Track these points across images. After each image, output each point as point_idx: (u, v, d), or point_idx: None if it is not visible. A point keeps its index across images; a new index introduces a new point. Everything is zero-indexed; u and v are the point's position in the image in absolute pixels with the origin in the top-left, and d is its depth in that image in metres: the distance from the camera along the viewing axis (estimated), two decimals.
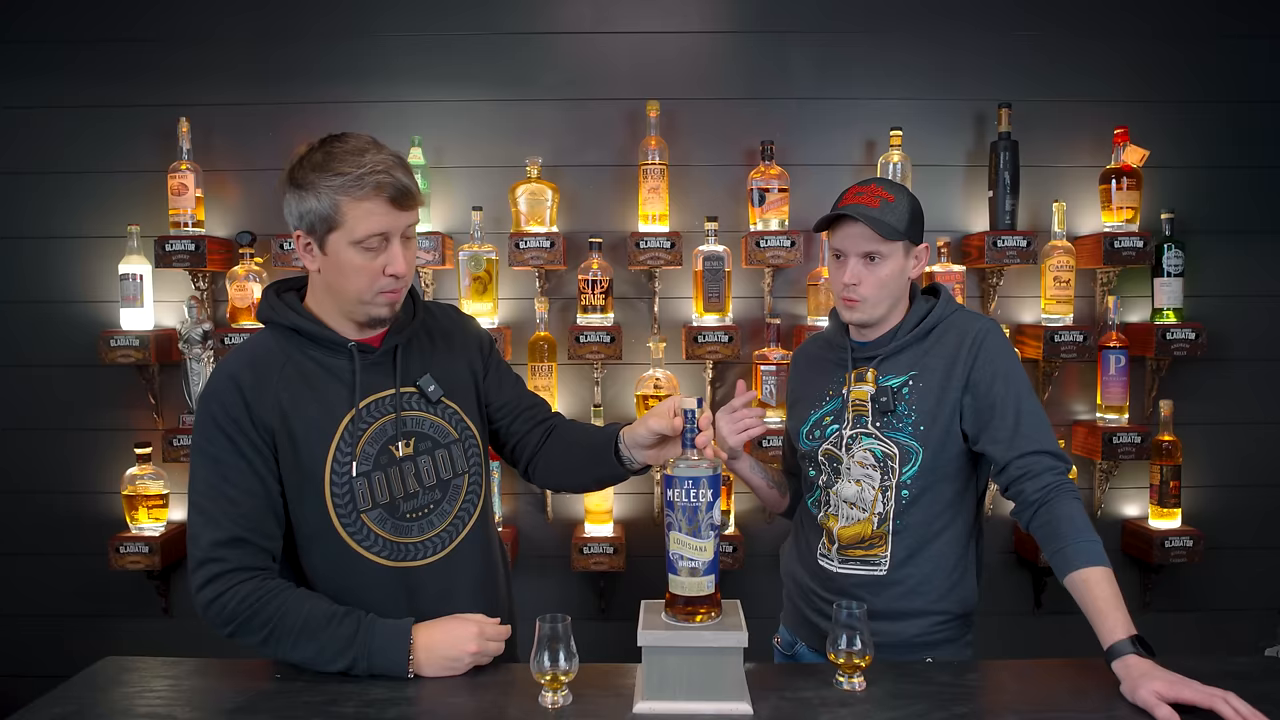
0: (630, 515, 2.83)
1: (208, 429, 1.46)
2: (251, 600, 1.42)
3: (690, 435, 1.40)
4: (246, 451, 1.45)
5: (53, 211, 2.80)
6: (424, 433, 1.55)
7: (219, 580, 1.42)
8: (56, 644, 2.82)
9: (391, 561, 1.52)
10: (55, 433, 2.82)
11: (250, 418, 1.45)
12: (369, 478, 1.49)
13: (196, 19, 2.77)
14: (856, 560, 1.70)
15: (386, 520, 1.51)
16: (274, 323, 1.52)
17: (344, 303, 1.49)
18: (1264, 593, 2.83)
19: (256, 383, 1.46)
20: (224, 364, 1.51)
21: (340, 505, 1.48)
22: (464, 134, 2.79)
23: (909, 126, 2.71)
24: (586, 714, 1.35)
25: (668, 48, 2.79)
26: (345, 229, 1.42)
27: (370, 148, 1.43)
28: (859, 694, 1.40)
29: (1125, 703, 1.35)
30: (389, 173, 1.41)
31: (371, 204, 1.41)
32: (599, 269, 2.65)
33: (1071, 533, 1.50)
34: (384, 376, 1.54)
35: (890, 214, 1.64)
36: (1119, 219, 2.67)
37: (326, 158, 1.42)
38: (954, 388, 1.64)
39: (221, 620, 1.44)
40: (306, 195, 1.43)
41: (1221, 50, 2.79)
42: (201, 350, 2.69)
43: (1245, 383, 2.83)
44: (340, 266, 1.44)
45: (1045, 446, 1.58)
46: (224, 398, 1.45)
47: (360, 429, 1.49)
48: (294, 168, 1.46)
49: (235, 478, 1.44)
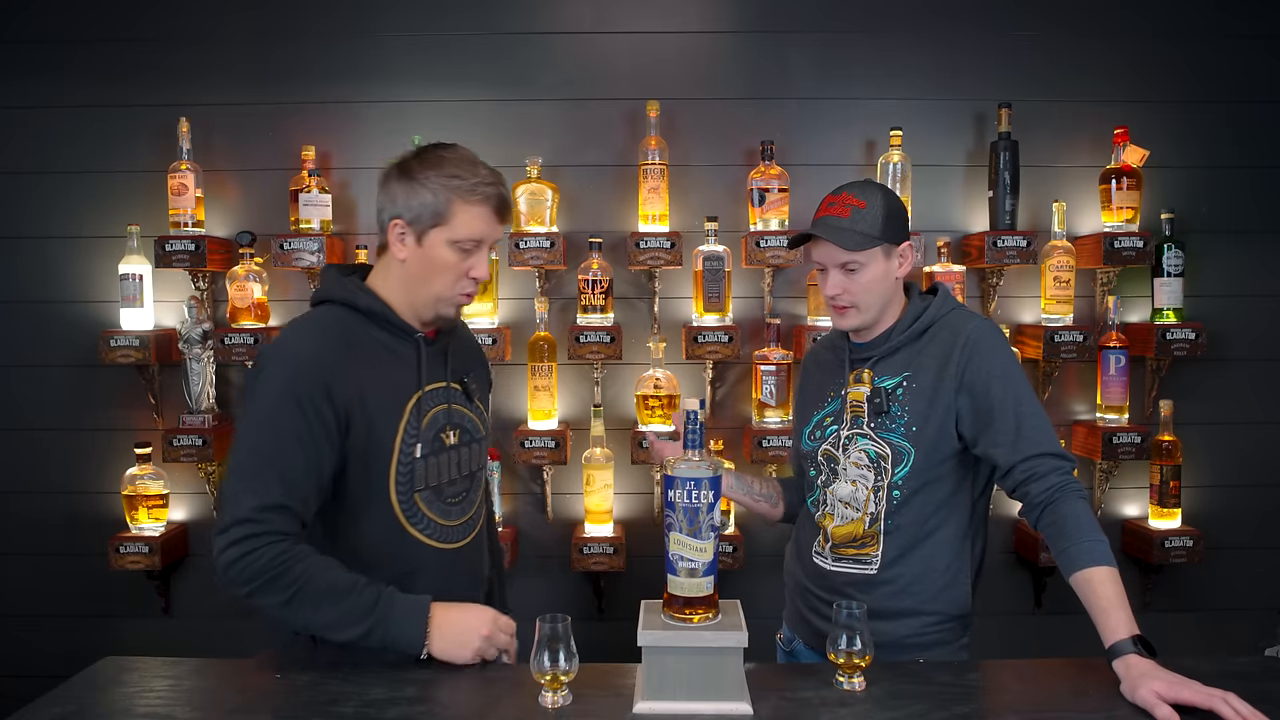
0: (630, 515, 2.83)
1: (277, 398, 1.45)
2: (279, 560, 1.42)
3: (691, 437, 1.40)
4: (314, 424, 1.45)
5: (53, 211, 2.80)
6: (465, 426, 1.65)
7: (250, 540, 1.42)
8: (56, 644, 2.82)
9: (434, 541, 1.58)
10: (55, 433, 2.82)
11: (328, 393, 1.46)
12: (426, 460, 1.56)
13: (196, 19, 2.77)
14: (848, 559, 1.71)
15: (434, 502, 1.57)
16: (343, 302, 1.56)
17: (422, 295, 1.56)
18: (1264, 593, 2.83)
19: (336, 360, 1.49)
20: (297, 338, 1.52)
21: (401, 482, 1.53)
22: (464, 134, 2.74)
23: (909, 126, 2.71)
24: (586, 714, 1.35)
25: (667, 48, 2.79)
26: (449, 227, 1.52)
27: (480, 162, 1.57)
28: (859, 694, 1.40)
29: (1125, 703, 1.35)
30: (498, 186, 1.55)
31: (479, 210, 1.52)
32: (599, 269, 2.65)
33: (1078, 532, 1.50)
34: (438, 368, 1.62)
35: (861, 221, 1.63)
36: (1119, 219, 2.67)
37: (441, 160, 1.53)
38: (946, 389, 1.63)
39: (245, 578, 1.42)
40: (420, 189, 1.52)
41: (1221, 50, 2.79)
42: (201, 350, 2.69)
43: (1245, 383, 2.83)
44: (431, 261, 1.53)
45: (1049, 448, 1.58)
46: (306, 372, 1.46)
47: (423, 413, 1.56)
48: (405, 163, 1.56)
49: (294, 447, 1.45)
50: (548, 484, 2.78)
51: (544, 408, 2.69)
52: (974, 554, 1.74)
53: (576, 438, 2.77)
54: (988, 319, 1.75)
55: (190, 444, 2.64)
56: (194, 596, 2.84)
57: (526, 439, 2.63)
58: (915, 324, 1.69)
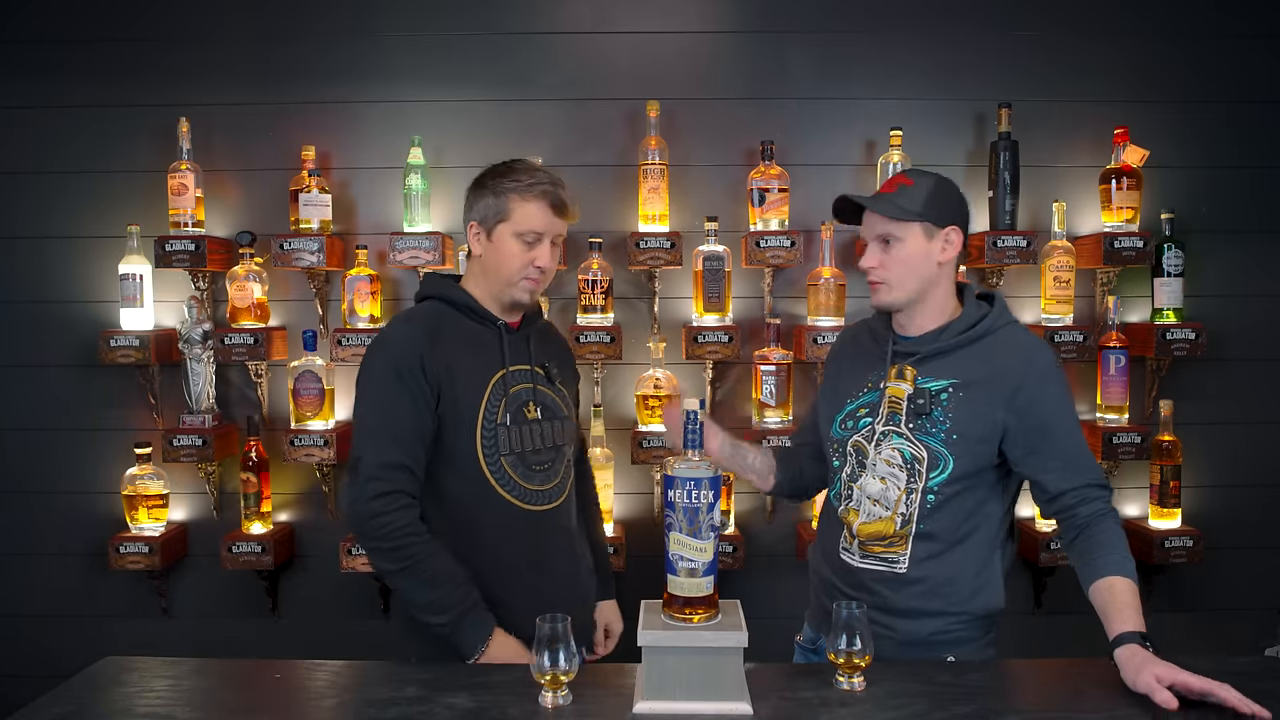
0: (630, 515, 2.83)
1: (387, 374, 1.72)
2: (409, 532, 1.67)
3: (691, 437, 1.40)
4: (416, 393, 1.71)
5: (52, 211, 2.80)
6: (547, 404, 1.85)
7: (387, 498, 1.66)
8: (57, 644, 2.82)
9: (519, 501, 1.78)
10: (55, 433, 2.82)
11: (423, 369, 1.71)
12: (508, 428, 1.77)
13: (196, 19, 2.77)
14: (875, 556, 1.68)
15: (518, 465, 1.78)
16: (440, 298, 1.83)
17: (496, 283, 1.81)
18: (1264, 593, 2.83)
19: (430, 342, 1.74)
20: (400, 325, 1.80)
21: (487, 446, 1.75)
22: (464, 134, 2.79)
23: (909, 126, 2.71)
24: (586, 714, 1.35)
25: (667, 48, 2.79)
26: (511, 221, 1.77)
27: (541, 169, 1.82)
28: (859, 694, 1.40)
29: (1125, 703, 1.35)
30: (553, 185, 1.79)
31: (535, 205, 1.77)
32: (599, 269, 2.65)
33: (1115, 546, 1.56)
34: (521, 352, 1.85)
35: (903, 196, 1.64)
36: (1119, 219, 2.67)
37: (507, 169, 1.80)
38: (998, 405, 1.62)
39: (379, 534, 1.66)
40: (487, 194, 1.79)
41: (1221, 50, 2.79)
42: (201, 350, 2.69)
43: (1245, 383, 2.83)
44: (500, 252, 1.78)
45: (1097, 479, 1.63)
46: (402, 350, 1.73)
47: (506, 388, 1.79)
48: (478, 176, 1.83)
49: (401, 414, 1.70)
50: None
51: None
52: (1005, 558, 1.73)
53: None
54: (1044, 340, 1.75)
55: (190, 444, 2.64)
56: (194, 596, 2.84)
57: None
58: (970, 330, 1.67)
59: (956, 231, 1.67)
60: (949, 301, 1.72)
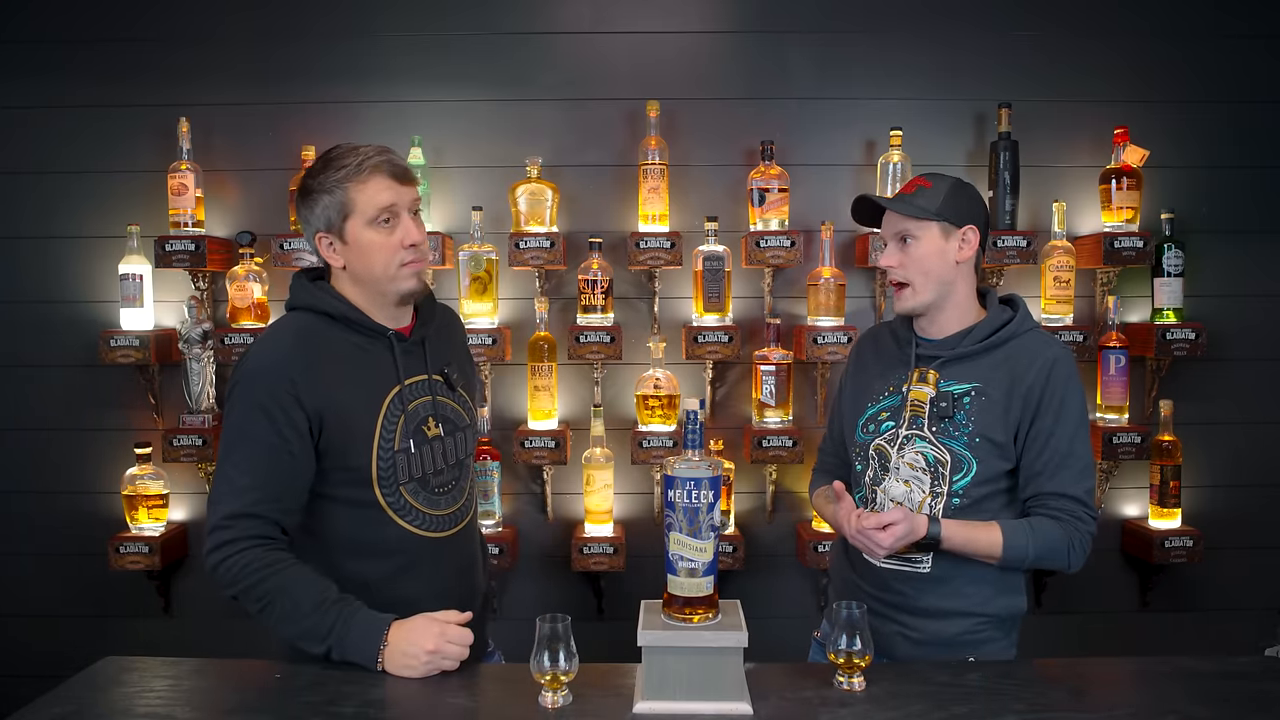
0: (630, 515, 2.83)
1: (249, 409, 1.52)
2: (251, 570, 1.49)
3: (691, 437, 1.40)
4: (285, 432, 1.51)
5: (53, 211, 2.80)
6: (448, 416, 1.68)
7: (225, 547, 1.50)
8: (56, 644, 2.82)
9: (424, 531, 1.62)
10: (55, 433, 2.82)
11: (298, 400, 1.52)
12: (408, 453, 1.59)
13: (196, 19, 2.76)
14: (898, 557, 1.68)
15: (419, 493, 1.62)
16: (313, 309, 1.61)
17: (374, 285, 1.60)
18: (1264, 593, 2.83)
19: (306, 366, 1.54)
20: (266, 348, 1.57)
21: (384, 476, 1.57)
22: (463, 134, 2.79)
23: (909, 126, 2.71)
24: (586, 714, 1.35)
25: (667, 48, 2.79)
26: (359, 212, 1.56)
27: (360, 145, 1.60)
28: (859, 694, 1.40)
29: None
30: (382, 154, 1.58)
31: (375, 183, 1.56)
32: (599, 269, 2.65)
33: (1029, 523, 1.61)
34: (416, 362, 1.66)
35: (921, 196, 1.66)
36: (1119, 219, 2.67)
37: (324, 163, 1.59)
38: (1015, 408, 1.63)
39: (228, 582, 1.51)
40: (318, 197, 1.58)
41: (1221, 50, 2.79)
42: (201, 350, 2.69)
43: (1245, 383, 2.83)
44: (362, 249, 1.57)
45: (1083, 497, 1.62)
46: (270, 380, 1.52)
47: (401, 408, 1.60)
48: (303, 183, 1.61)
49: (265, 455, 1.51)
50: (548, 484, 2.78)
51: (544, 408, 2.69)
52: None
53: (576, 438, 2.77)
54: (1064, 346, 1.75)
55: (190, 444, 2.64)
56: (194, 596, 2.84)
57: (526, 439, 2.63)
58: (994, 335, 1.68)
59: (974, 231, 1.68)
60: (970, 304, 1.72)
